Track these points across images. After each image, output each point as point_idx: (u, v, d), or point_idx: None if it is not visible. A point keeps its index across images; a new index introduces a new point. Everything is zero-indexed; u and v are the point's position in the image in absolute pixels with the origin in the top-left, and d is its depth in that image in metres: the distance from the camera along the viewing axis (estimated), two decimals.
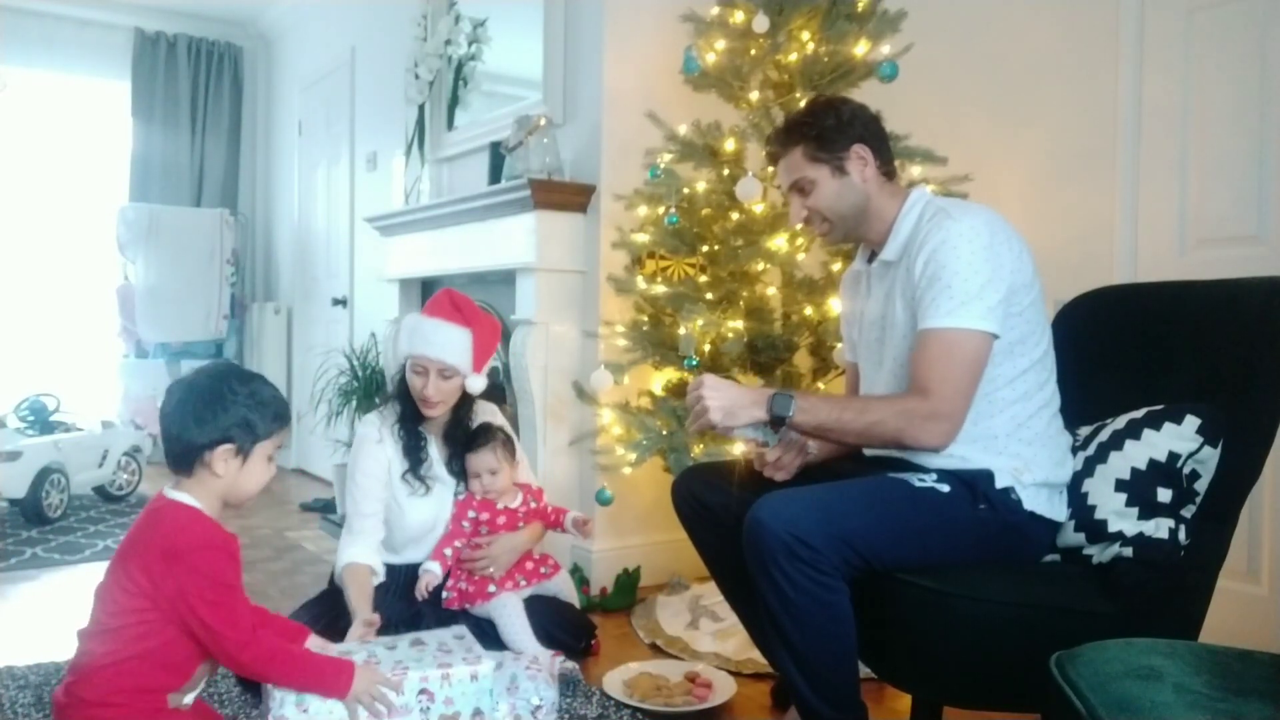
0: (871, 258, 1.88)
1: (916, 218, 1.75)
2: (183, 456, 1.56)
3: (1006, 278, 1.63)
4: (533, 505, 2.43)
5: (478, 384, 2.39)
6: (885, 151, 1.84)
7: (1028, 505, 1.64)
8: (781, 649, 1.58)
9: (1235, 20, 2.41)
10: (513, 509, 2.39)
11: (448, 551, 2.33)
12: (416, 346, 2.33)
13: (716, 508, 1.82)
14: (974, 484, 1.63)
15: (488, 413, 2.55)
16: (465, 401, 2.44)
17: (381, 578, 2.32)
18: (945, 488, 1.62)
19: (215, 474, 1.56)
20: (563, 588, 2.49)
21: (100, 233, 5.80)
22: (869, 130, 1.82)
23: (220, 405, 1.55)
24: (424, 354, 2.32)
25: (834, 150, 1.79)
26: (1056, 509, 1.67)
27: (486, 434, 2.39)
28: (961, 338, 1.59)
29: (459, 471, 2.43)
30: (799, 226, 1.97)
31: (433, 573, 2.28)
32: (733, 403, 1.65)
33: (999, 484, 1.63)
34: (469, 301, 2.43)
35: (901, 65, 2.54)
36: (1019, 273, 1.65)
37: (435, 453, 2.45)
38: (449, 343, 2.32)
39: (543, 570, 2.44)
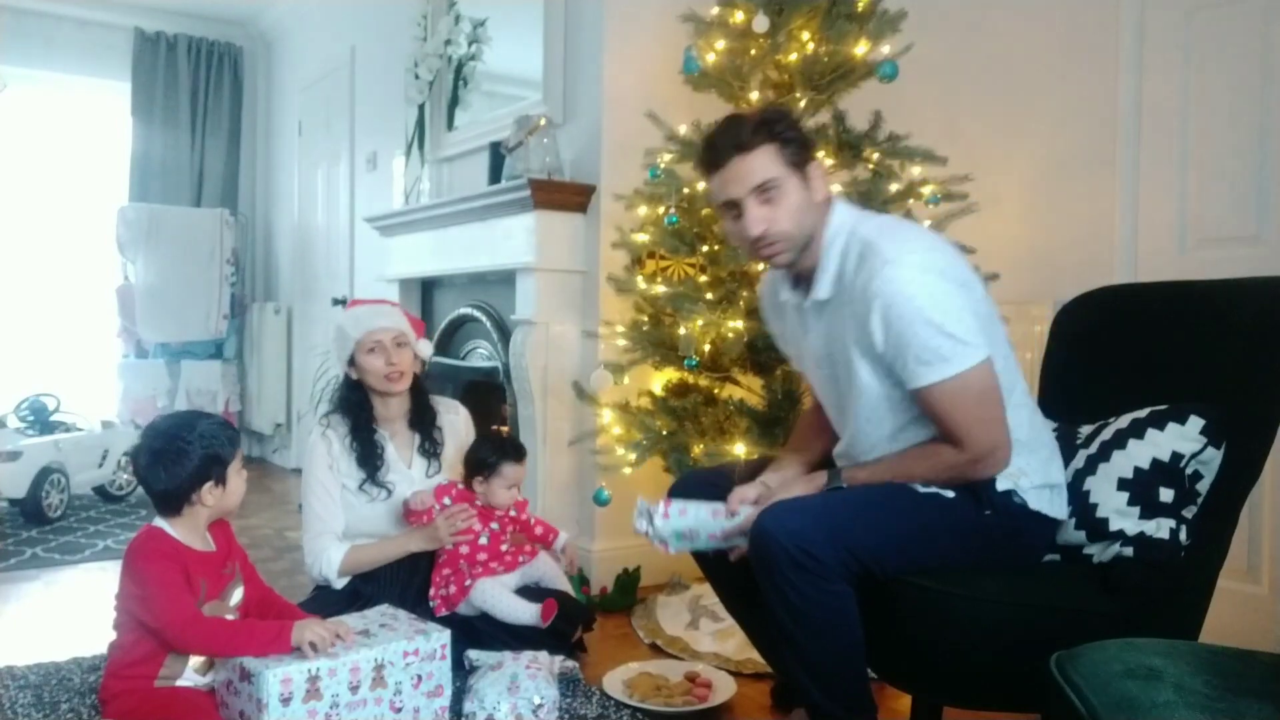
0: (796, 282, 1.77)
1: (841, 251, 1.65)
2: (173, 503, 1.86)
3: (966, 296, 1.57)
4: (511, 514, 2.46)
5: (426, 348, 2.58)
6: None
7: (1032, 506, 1.63)
8: (791, 656, 1.59)
9: (1235, 20, 2.41)
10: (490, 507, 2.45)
11: (447, 500, 2.41)
12: (367, 324, 2.46)
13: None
14: (976, 489, 1.62)
15: (450, 409, 2.66)
16: (417, 383, 2.56)
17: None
18: (950, 492, 1.62)
19: (205, 505, 1.87)
20: (546, 572, 2.50)
21: (100, 233, 5.80)
22: (812, 148, 1.70)
23: (183, 456, 1.83)
24: (376, 325, 2.45)
25: (802, 159, 1.66)
26: (1057, 507, 1.67)
27: (522, 451, 2.48)
28: (964, 379, 1.54)
29: (431, 451, 2.54)
30: (753, 238, 1.66)
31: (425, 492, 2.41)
32: None
33: (1000, 487, 1.62)
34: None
35: (901, 65, 2.54)
36: (969, 285, 1.59)
37: (393, 451, 2.52)
38: (391, 312, 2.52)
39: (520, 559, 2.46)
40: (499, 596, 2.34)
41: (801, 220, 1.65)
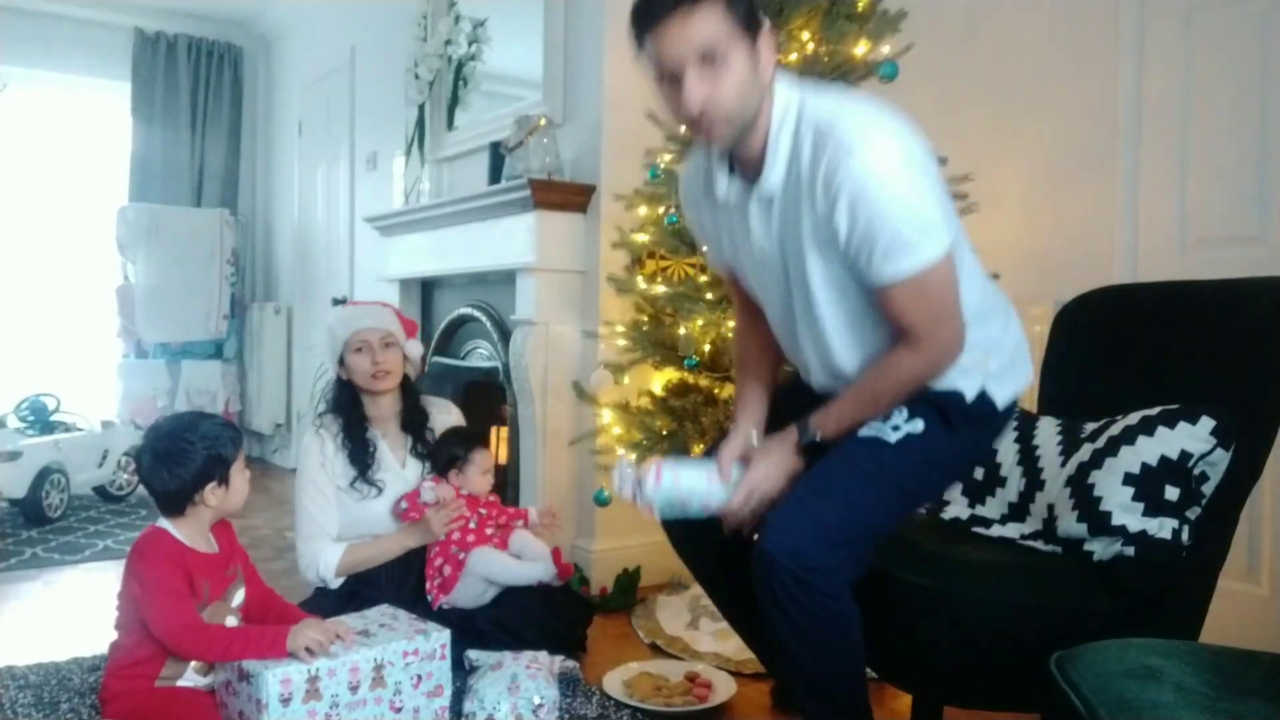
0: (731, 167, 1.59)
1: (792, 136, 1.48)
2: (175, 503, 1.87)
3: (932, 175, 1.45)
4: (490, 498, 2.54)
5: (415, 348, 2.60)
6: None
7: (1002, 402, 1.60)
8: (790, 671, 1.58)
9: (1235, 20, 2.41)
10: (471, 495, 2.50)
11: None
12: (354, 324, 2.50)
13: (706, 525, 1.74)
14: (944, 409, 1.57)
15: (442, 409, 2.68)
16: (408, 385, 2.59)
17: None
18: (919, 425, 1.56)
19: (208, 505, 1.88)
20: (524, 545, 2.49)
21: (100, 233, 5.80)
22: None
23: (186, 457, 1.84)
24: (364, 325, 2.49)
25: (751, 25, 1.44)
26: (1022, 373, 1.65)
27: (487, 437, 2.52)
28: (928, 274, 1.44)
29: (425, 454, 2.56)
30: (692, 115, 1.46)
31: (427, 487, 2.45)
32: (780, 473, 1.60)
33: (970, 396, 1.56)
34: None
35: (901, 65, 2.54)
36: (929, 163, 1.46)
37: (386, 451, 2.53)
38: (379, 313, 2.55)
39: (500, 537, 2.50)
40: (500, 561, 2.39)
41: (746, 97, 1.44)
